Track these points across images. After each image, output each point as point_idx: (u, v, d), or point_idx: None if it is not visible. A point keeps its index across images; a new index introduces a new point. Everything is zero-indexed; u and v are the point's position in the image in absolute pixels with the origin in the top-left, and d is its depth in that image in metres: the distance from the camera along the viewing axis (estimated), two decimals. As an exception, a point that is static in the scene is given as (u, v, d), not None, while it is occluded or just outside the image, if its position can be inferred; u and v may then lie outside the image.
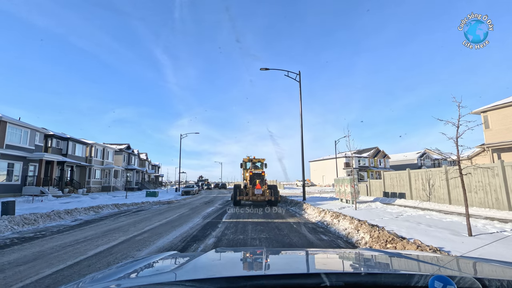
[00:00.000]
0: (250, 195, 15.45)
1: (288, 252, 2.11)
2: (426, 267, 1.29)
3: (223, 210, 13.45)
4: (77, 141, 30.20)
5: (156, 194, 25.52)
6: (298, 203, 14.48)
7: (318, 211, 10.74)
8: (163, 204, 18.96)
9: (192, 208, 14.73)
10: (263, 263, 1.41)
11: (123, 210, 14.38)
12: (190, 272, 1.17)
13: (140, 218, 10.88)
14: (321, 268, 1.40)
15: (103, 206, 14.52)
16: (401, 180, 15.00)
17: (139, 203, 18.04)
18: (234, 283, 0.91)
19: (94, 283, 1.07)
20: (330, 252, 2.13)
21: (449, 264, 1.32)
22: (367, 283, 0.93)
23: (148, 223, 9.21)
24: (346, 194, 14.12)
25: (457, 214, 9.67)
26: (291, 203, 15.83)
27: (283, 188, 46.81)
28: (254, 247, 5.10)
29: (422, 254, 1.85)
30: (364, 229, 6.51)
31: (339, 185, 15.31)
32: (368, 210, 11.39)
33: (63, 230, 8.02)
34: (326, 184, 57.23)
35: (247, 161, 18.38)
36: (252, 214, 11.78)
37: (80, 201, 17.96)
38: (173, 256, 1.68)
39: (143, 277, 1.20)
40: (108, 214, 12.79)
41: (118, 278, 1.11)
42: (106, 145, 36.58)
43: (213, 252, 1.70)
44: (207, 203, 18.54)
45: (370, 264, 1.40)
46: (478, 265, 1.31)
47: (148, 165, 60.86)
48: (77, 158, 29.60)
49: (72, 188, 27.03)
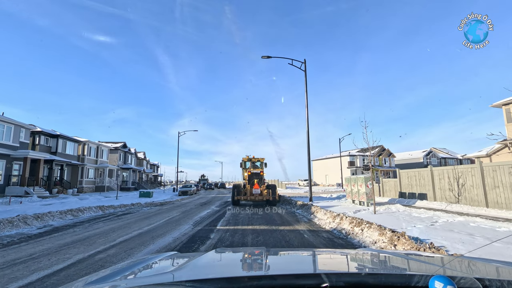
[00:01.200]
0: (248, 195, 15.25)
1: (289, 252, 2.17)
2: (426, 267, 1.29)
3: (219, 214, 11.75)
4: (68, 139, 28.56)
5: (150, 195, 23.85)
6: (305, 205, 12.76)
7: (331, 216, 9.03)
8: (155, 206, 17.27)
9: (185, 211, 13.04)
10: (263, 263, 1.40)
11: (107, 214, 12.71)
12: (191, 272, 1.17)
13: (120, 224, 9.19)
14: (321, 268, 1.39)
15: (86, 209, 12.86)
16: (421, 179, 13.25)
17: (128, 204, 16.36)
18: (235, 283, 0.91)
19: (93, 284, 1.04)
20: (330, 252, 2.12)
21: (450, 264, 1.32)
22: (367, 283, 0.93)
23: (125, 232, 7.51)
24: (360, 194, 12.39)
25: (509, 221, 7.90)
26: (296, 205, 14.11)
27: (285, 188, 45.06)
28: (254, 247, 4.90)
29: (422, 254, 1.87)
30: (405, 244, 4.78)
31: (351, 185, 13.58)
32: (389, 214, 9.66)
33: (13, 243, 6.33)
34: (329, 184, 55.42)
35: (246, 160, 17.84)
36: (252, 219, 10.07)
37: (63, 203, 16.29)
38: (173, 257, 1.67)
39: (143, 278, 1.20)
40: (87, 218, 11.12)
41: (118, 279, 1.10)
42: (100, 143, 34.95)
43: (213, 252, 1.70)
44: (203, 205, 16.85)
45: (370, 264, 1.40)
46: (478, 265, 1.31)
47: (147, 165, 59.22)
48: (67, 157, 27.96)
49: (62, 188, 25.39)
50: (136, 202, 17.60)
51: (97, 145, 34.08)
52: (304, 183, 56.26)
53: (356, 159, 52.58)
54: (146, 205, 17.56)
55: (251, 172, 16.22)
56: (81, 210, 12.39)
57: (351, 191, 13.68)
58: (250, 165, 17.60)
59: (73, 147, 29.63)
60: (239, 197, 15.30)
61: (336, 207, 12.28)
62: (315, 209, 11.06)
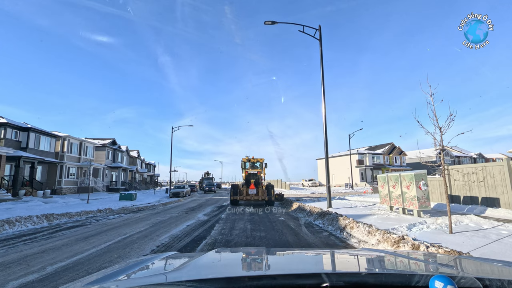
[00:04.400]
0: (244, 195, 15.63)
1: (289, 252, 2.13)
2: (426, 266, 1.28)
3: (205, 228, 8.06)
4: (43, 133, 24.94)
5: (132, 197, 20.20)
6: (326, 214, 9.09)
7: (385, 237, 5.36)
8: (129, 212, 13.62)
9: (159, 223, 9.37)
10: (263, 263, 1.38)
11: (45, 227, 9.08)
12: (191, 272, 1.15)
13: (29, 251, 5.54)
14: (321, 268, 1.39)
15: (22, 220, 9.26)
16: (489, 177, 9.52)
17: (94, 211, 12.75)
18: (235, 283, 0.91)
19: (93, 284, 1.02)
20: (330, 252, 2.02)
21: (450, 263, 1.31)
22: (367, 283, 0.92)
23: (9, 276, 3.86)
24: (407, 200, 8.68)
25: None
26: (312, 212, 10.43)
27: (289, 189, 41.32)
28: (254, 247, 4.69)
29: (422, 254, 1.85)
30: None
31: (390, 185, 9.86)
32: (476, 234, 5.93)
33: None
34: (335, 184, 51.50)
35: (246, 161, 17.85)
36: (253, 238, 6.39)
37: (8, 209, 12.66)
38: (173, 257, 1.65)
39: (144, 278, 1.18)
40: (5, 236, 7.48)
41: (118, 279, 1.10)
42: (85, 139, 31.37)
43: (213, 252, 1.69)
44: (190, 211, 13.19)
45: (370, 264, 1.37)
46: (478, 265, 1.30)
47: (141, 164, 55.61)
48: (42, 153, 24.35)
49: (31, 190, 21.83)
50: (106, 208, 13.95)
51: (80, 141, 30.50)
52: (309, 183, 52.48)
53: (365, 157, 48.73)
54: (120, 211, 13.94)
55: (248, 172, 16.64)
56: (11, 222, 8.76)
57: (389, 195, 9.95)
58: (249, 165, 17.61)
59: (49, 143, 26.02)
60: (235, 197, 15.61)
61: (370, 217, 8.59)
62: (346, 221, 7.37)
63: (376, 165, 49.96)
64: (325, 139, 12.42)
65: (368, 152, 49.49)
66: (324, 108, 12.36)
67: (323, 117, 12.47)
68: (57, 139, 27.35)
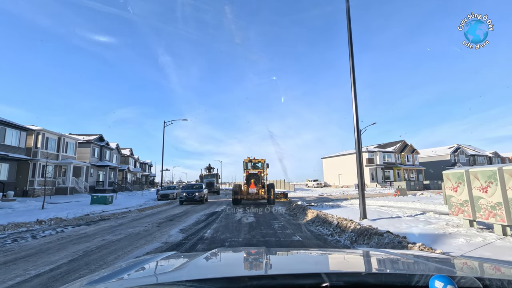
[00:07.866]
0: (245, 194, 16.17)
1: (289, 252, 2.12)
2: (426, 266, 1.26)
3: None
4: (9, 125, 21.43)
5: (107, 201, 16.58)
6: (371, 235, 5.45)
7: None
8: (81, 224, 9.99)
9: (108, 244, 5.75)
10: (263, 263, 1.38)
11: None
12: (191, 272, 1.14)
13: None
14: (321, 268, 1.37)
15: None
16: None
17: (30, 222, 9.18)
18: (235, 283, 0.90)
19: (93, 284, 1.00)
20: (330, 252, 2.06)
21: (450, 263, 1.29)
22: (367, 283, 0.91)
23: None
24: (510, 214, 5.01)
25: None
26: (343, 228, 6.79)
27: (293, 190, 37.63)
28: (255, 247, 4.47)
29: (422, 254, 1.79)
30: None
31: (469, 187, 6.15)
32: None
33: None
34: (343, 185, 47.76)
35: (248, 161, 18.03)
36: None
37: None
38: (173, 256, 1.66)
39: (144, 277, 1.17)
40: None
41: (118, 279, 1.08)
42: (64, 134, 27.86)
43: (213, 252, 1.67)
44: (168, 222, 9.57)
45: (370, 264, 1.36)
46: (478, 265, 1.29)
47: (134, 163, 52.13)
48: (7, 149, 20.84)
49: (-11, 192, 18.28)
50: (57, 217, 10.34)
51: (59, 136, 26.98)
52: (314, 184, 48.79)
53: (376, 155, 44.94)
54: (73, 221, 10.37)
55: (249, 172, 17.05)
56: None
57: (472, 202, 6.22)
58: (251, 166, 17.82)
59: (19, 137, 22.50)
60: (236, 196, 16.09)
61: (450, 241, 4.95)
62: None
63: (387, 164, 46.18)
64: (356, 126, 8.80)
65: (379, 150, 45.70)
66: (353, 88, 8.72)
67: (353, 104, 8.85)
68: (29, 133, 23.82)
